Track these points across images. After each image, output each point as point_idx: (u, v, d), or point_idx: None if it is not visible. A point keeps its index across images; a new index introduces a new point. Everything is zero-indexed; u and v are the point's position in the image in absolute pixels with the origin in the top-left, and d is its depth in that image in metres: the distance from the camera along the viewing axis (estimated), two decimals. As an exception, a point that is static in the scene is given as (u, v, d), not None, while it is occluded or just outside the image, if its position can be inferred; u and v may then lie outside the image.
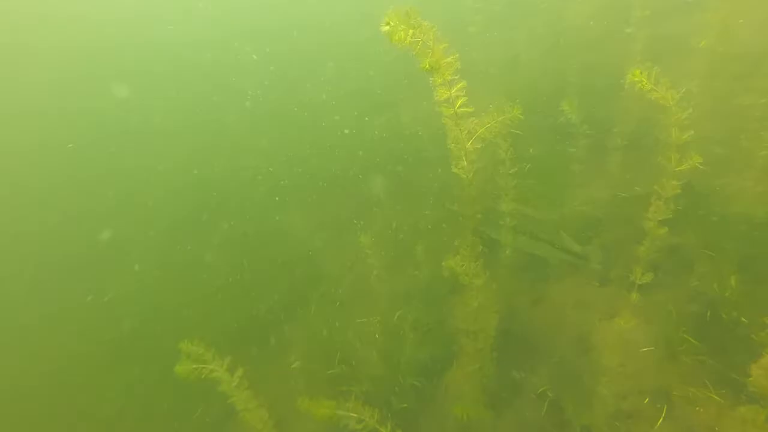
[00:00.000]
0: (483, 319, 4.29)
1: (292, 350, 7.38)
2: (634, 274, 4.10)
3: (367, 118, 10.76)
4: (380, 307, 7.47)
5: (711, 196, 6.14)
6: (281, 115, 12.53)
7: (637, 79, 3.00)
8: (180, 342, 4.48)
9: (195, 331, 7.90)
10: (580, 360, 5.72)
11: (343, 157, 10.03)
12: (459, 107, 2.94)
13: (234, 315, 7.98)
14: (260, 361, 7.22)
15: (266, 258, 9.21)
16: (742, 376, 4.71)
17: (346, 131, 10.96)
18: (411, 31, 2.47)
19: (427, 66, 2.66)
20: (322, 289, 8.41)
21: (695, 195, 6.25)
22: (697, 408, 4.80)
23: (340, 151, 10.64)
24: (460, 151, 3.16)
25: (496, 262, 7.34)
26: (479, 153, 3.49)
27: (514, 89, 7.86)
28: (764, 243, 5.45)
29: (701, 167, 5.78)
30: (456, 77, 2.84)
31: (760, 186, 5.89)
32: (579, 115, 6.17)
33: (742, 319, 5.00)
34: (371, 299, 7.72)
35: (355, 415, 3.44)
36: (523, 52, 9.12)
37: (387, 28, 2.44)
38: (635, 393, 5.20)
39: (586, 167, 7.13)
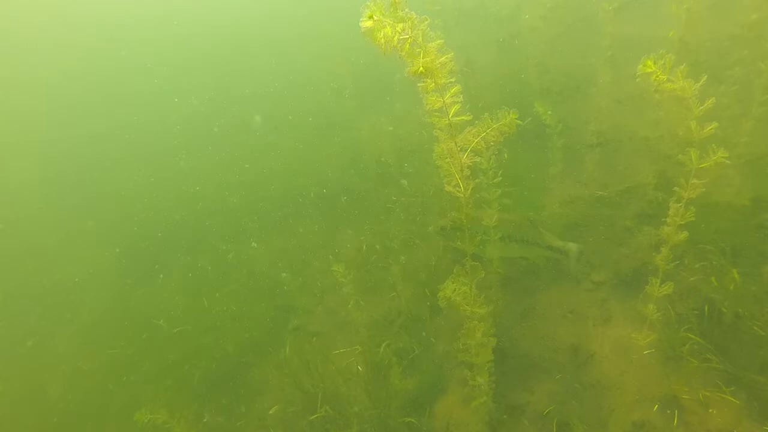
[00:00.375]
0: (480, 345, 3.85)
1: (267, 394, 6.70)
2: (651, 286, 3.75)
3: (319, 139, 10.25)
4: (359, 335, 6.92)
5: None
6: (223, 135, 11.79)
7: (650, 69, 2.68)
8: (137, 411, 3.74)
9: (154, 385, 7.12)
10: (580, 372, 5.40)
11: (303, 179, 9.46)
12: (454, 115, 2.51)
13: (198, 362, 7.18)
14: (232, 412, 6.48)
15: (229, 294, 8.46)
16: (753, 372, 4.53)
17: (300, 150, 10.40)
18: (399, 26, 2.03)
19: (421, 69, 2.22)
20: (294, 322, 7.77)
21: (671, 186, 6.13)
22: (711, 410, 4.56)
23: (296, 173, 10.07)
24: (452, 167, 2.72)
25: (480, 279, 7.03)
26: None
27: (474, 93, 7.61)
28: (751, 231, 5.35)
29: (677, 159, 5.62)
30: (452, 80, 2.41)
31: (738, 174, 5.83)
32: (551, 116, 5.94)
33: (741, 311, 4.83)
34: (349, 328, 7.17)
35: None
36: (478, 55, 8.95)
37: (369, 23, 1.99)
38: (642, 401, 4.93)
39: (562, 168, 6.93)
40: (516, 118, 2.67)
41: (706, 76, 2.78)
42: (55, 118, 15.86)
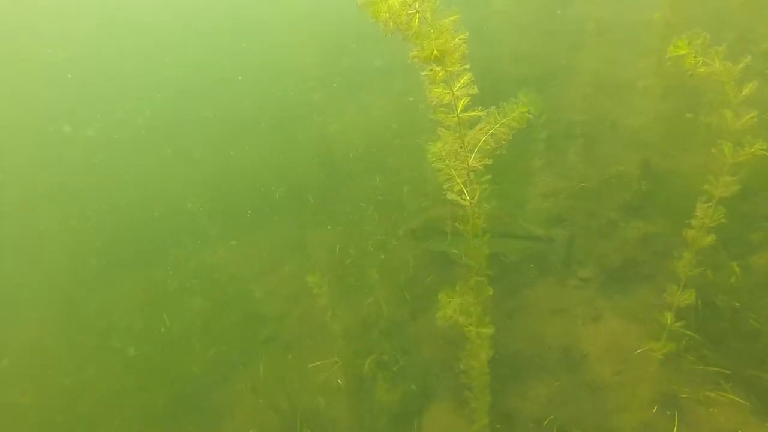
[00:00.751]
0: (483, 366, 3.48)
1: (239, 417, 6.15)
2: (670, 294, 3.46)
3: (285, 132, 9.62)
4: (337, 345, 6.48)
5: (672, 175, 5.91)
6: (178, 134, 10.93)
7: (681, 51, 2.35)
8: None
9: (110, 417, 6.42)
10: (572, 375, 5.17)
11: (268, 178, 8.84)
12: (463, 111, 2.10)
13: (160, 386, 6.53)
14: (201, 441, 5.92)
15: (192, 307, 7.79)
16: (753, 368, 4.40)
17: (262, 147, 9.74)
18: (409, -3, 1.59)
19: (435, 52, 1.79)
20: (265, 333, 7.22)
21: (655, 175, 5.98)
22: (711, 409, 4.41)
23: (260, 173, 9.41)
24: (455, 171, 2.32)
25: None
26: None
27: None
28: (737, 221, 5.25)
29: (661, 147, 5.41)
30: (465, 66, 1.99)
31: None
32: (535, 106, 5.63)
33: (737, 304, 4.70)
34: (325, 337, 6.70)
35: None
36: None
37: (370, -5, 1.54)
38: (641, 402, 4.74)
39: (543, 160, 6.67)
40: (526, 111, 2.30)
41: (749, 57, 2.48)
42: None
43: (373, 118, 8.68)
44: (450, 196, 2.43)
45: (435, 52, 1.83)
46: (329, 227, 7.91)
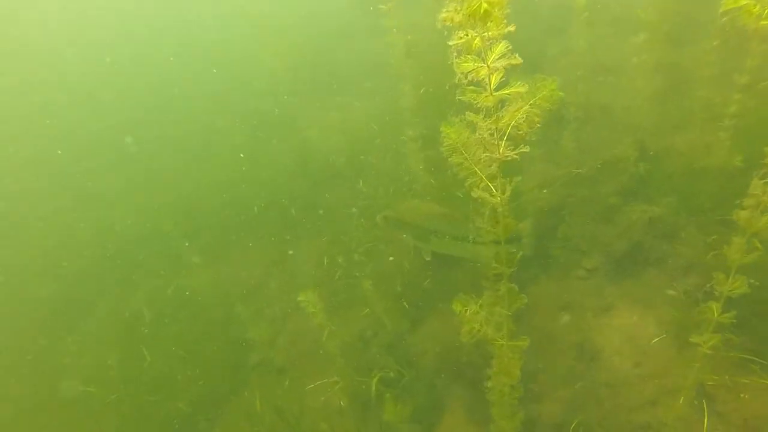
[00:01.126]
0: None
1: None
2: (718, 284, 3.12)
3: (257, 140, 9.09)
4: (335, 364, 6.03)
5: (671, 154, 5.71)
6: (144, 150, 10.24)
7: (741, 3, 2.05)
8: None
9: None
10: (590, 371, 4.89)
11: (245, 191, 8.32)
12: (496, 88, 1.74)
13: (146, 429, 5.97)
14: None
15: (173, 337, 7.22)
16: (782, 348, 4.19)
17: (236, 158, 9.18)
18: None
19: (484, 5, 1.43)
20: (255, 358, 6.73)
21: (653, 156, 5.77)
22: (743, 395, 4.18)
23: (236, 186, 8.87)
24: (478, 164, 1.97)
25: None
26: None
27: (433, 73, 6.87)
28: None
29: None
30: (510, 29, 1.63)
31: (719, 135, 5.52)
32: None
33: (753, 281, 4.48)
34: (321, 357, 6.25)
35: None
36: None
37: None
38: (666, 394, 4.48)
39: (535, 147, 6.40)
40: (556, 89, 1.97)
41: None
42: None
43: (350, 121, 8.29)
44: (476, 193, 2.08)
45: (484, 5, 1.45)
46: (314, 238, 7.47)
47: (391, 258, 6.81)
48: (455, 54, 1.66)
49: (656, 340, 4.80)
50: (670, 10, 6.31)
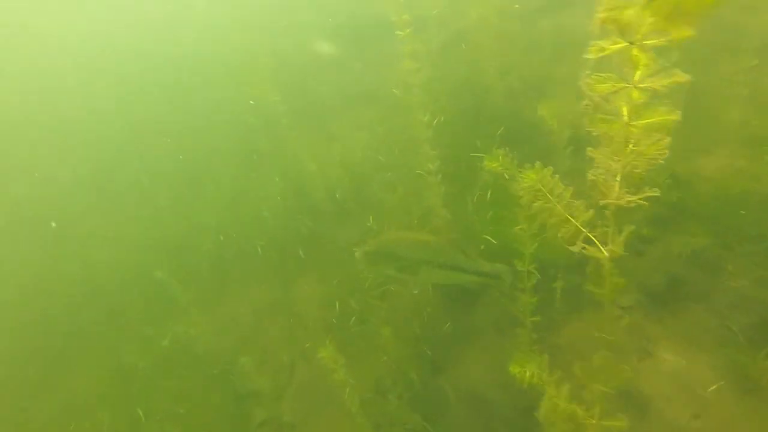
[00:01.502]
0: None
1: None
2: None
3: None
4: (350, 421, 5.46)
5: (703, 179, 5.36)
6: (130, 190, 9.70)
7: None
8: None
9: None
10: (644, 424, 4.39)
11: (242, 230, 7.84)
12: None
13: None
14: None
15: (170, 393, 6.61)
16: None
17: (230, 194, 8.72)
18: None
19: None
20: (260, 415, 6.13)
21: (685, 182, 5.43)
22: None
23: (231, 224, 8.38)
24: (577, 209, 1.56)
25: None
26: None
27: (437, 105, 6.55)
28: None
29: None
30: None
31: (743, 160, 5.22)
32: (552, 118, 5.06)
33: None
34: (334, 412, 5.68)
35: None
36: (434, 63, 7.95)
37: None
38: (733, 451, 4.00)
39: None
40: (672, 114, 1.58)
41: None
42: None
43: (349, 152, 7.93)
44: (577, 248, 1.66)
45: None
46: (322, 279, 6.98)
47: (407, 300, 6.34)
48: (587, 72, 1.28)
49: (714, 387, 4.33)
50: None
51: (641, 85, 1.33)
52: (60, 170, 10.65)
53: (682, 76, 1.34)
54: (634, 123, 1.41)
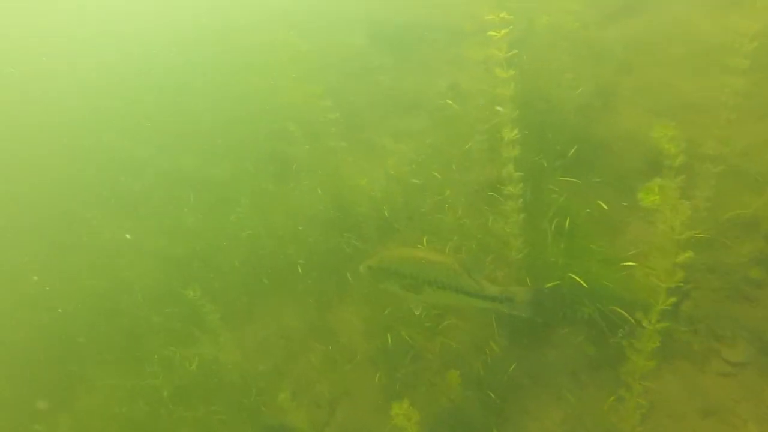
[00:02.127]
0: None
1: None
2: None
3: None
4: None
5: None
6: (159, 207, 9.09)
7: None
8: None
9: None
10: None
11: (276, 246, 7.21)
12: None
13: None
14: None
15: (198, 423, 6.02)
16: None
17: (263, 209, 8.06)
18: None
19: None
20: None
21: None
22: None
23: (263, 239, 7.75)
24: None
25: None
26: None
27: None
28: None
29: None
30: None
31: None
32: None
33: None
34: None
35: None
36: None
37: None
38: None
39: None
40: None
41: None
42: None
43: (402, 163, 7.29)
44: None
45: None
46: (368, 306, 6.34)
47: (464, 331, 5.68)
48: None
49: None
50: None
51: None
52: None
53: None
54: None
